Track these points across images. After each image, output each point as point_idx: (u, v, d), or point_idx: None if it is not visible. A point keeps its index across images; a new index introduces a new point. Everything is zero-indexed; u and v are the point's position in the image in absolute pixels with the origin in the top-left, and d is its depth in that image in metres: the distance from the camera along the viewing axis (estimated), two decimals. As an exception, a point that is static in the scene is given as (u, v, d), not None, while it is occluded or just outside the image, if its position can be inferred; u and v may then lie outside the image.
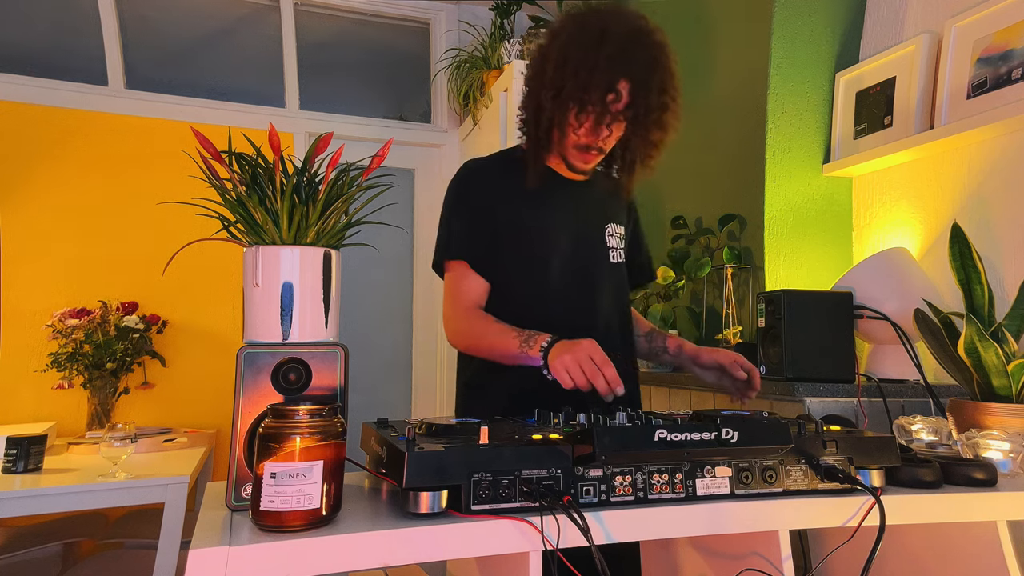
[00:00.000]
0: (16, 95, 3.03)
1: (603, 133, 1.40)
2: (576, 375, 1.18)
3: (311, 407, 0.82)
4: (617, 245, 1.57)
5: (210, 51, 3.51)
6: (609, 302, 1.53)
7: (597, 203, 1.57)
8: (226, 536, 0.78)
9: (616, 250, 1.56)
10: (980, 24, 1.87)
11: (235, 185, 0.95)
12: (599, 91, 1.34)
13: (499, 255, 1.47)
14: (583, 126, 1.39)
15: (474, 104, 3.35)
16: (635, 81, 1.35)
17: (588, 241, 1.53)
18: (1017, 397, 1.34)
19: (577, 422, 1.05)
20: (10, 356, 2.93)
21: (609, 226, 1.56)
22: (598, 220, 1.55)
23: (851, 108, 2.24)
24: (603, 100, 1.35)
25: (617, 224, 1.58)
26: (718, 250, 2.40)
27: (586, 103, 1.35)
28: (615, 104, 1.36)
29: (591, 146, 1.42)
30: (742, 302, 2.30)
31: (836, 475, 0.96)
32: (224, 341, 3.23)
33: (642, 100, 1.36)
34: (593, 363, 1.18)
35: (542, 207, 1.49)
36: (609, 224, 1.56)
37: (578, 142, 1.42)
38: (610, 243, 1.55)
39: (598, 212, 1.56)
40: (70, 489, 1.93)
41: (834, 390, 1.70)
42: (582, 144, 1.42)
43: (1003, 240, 1.82)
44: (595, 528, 0.86)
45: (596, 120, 1.37)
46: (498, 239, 1.47)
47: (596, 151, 1.43)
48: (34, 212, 3.03)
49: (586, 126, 1.39)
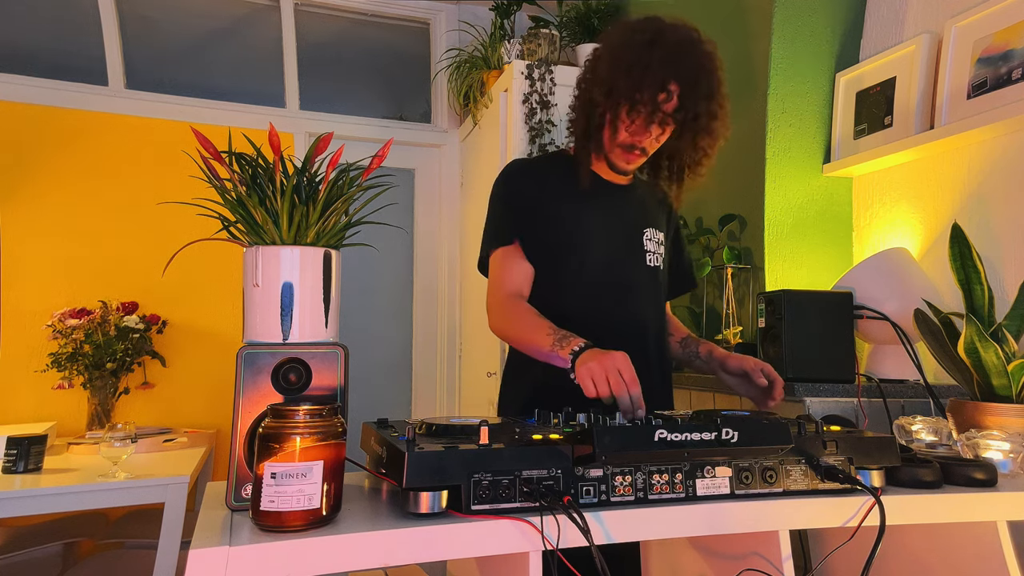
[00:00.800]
0: (16, 95, 3.03)
1: (653, 132, 1.43)
2: (601, 384, 1.15)
3: (311, 407, 0.82)
4: (655, 250, 1.59)
5: (210, 51, 3.51)
6: (644, 304, 1.55)
7: (637, 207, 1.60)
8: (226, 536, 0.78)
9: (653, 254, 1.58)
10: (980, 24, 1.87)
11: (235, 185, 0.95)
12: (651, 89, 1.37)
13: (540, 250, 1.50)
14: (633, 124, 1.42)
15: (474, 104, 3.35)
16: (685, 84, 1.38)
17: (625, 243, 1.55)
18: (1017, 397, 1.34)
19: (577, 422, 1.05)
20: (10, 356, 2.93)
21: (648, 230, 1.58)
22: (637, 223, 1.57)
23: (851, 108, 2.24)
24: (654, 99, 1.37)
25: (656, 230, 1.60)
26: (718, 250, 2.40)
27: (637, 101, 1.38)
28: (666, 104, 1.39)
29: (636, 146, 1.45)
30: (742, 302, 2.30)
31: (836, 475, 0.96)
32: (224, 341, 3.23)
33: (691, 104, 1.39)
34: (621, 377, 1.15)
35: (583, 206, 1.53)
36: (648, 228, 1.58)
37: (625, 141, 1.45)
38: (647, 247, 1.57)
39: (638, 215, 1.59)
40: (70, 489, 1.93)
41: (834, 390, 1.70)
42: (628, 143, 1.45)
43: (1003, 240, 1.82)
44: (595, 528, 0.86)
45: (647, 118, 1.40)
46: (538, 234, 1.50)
47: (640, 152, 1.46)
48: (34, 212, 3.03)
49: (636, 123, 1.42)
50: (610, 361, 1.16)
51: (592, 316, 1.48)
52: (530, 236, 1.50)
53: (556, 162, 1.60)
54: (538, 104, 2.81)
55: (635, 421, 1.02)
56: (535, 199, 1.52)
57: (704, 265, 2.36)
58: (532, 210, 1.51)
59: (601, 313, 1.49)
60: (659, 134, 1.44)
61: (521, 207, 1.52)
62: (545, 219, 1.51)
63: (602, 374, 1.15)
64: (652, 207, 1.64)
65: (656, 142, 1.46)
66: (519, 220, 1.51)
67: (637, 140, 1.44)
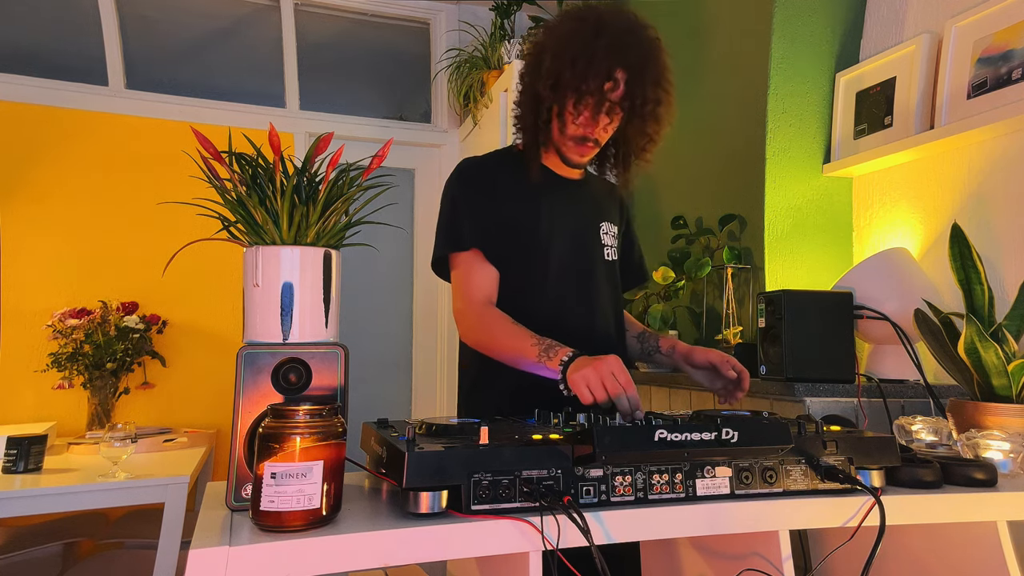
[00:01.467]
0: (16, 95, 3.03)
1: (601, 122, 1.41)
2: (597, 391, 1.14)
3: (311, 407, 0.82)
4: (611, 243, 1.58)
5: (210, 51, 3.51)
6: (605, 300, 1.54)
7: (591, 201, 1.58)
8: (226, 536, 0.78)
9: (611, 248, 1.58)
10: (980, 24, 1.87)
11: (235, 185, 0.95)
12: (597, 79, 1.35)
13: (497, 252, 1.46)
14: (581, 115, 1.40)
15: (474, 104, 3.35)
16: (631, 71, 1.37)
17: (584, 238, 1.53)
18: (1017, 397, 1.34)
19: (577, 422, 1.05)
20: (10, 356, 2.93)
21: (603, 224, 1.57)
22: (593, 217, 1.56)
23: (851, 108, 2.24)
24: (601, 88, 1.36)
25: (611, 223, 1.59)
26: (718, 250, 2.40)
27: (584, 92, 1.36)
28: (613, 92, 1.37)
29: (588, 137, 1.43)
30: (742, 302, 2.30)
31: (836, 475, 0.96)
32: (224, 341, 3.23)
33: (639, 90, 1.37)
34: (617, 381, 1.14)
35: (538, 203, 1.50)
36: (603, 222, 1.57)
37: (576, 133, 1.43)
38: (604, 241, 1.56)
39: (593, 210, 1.57)
40: (70, 489, 1.93)
41: (834, 390, 1.70)
42: (579, 135, 1.43)
43: (1003, 240, 1.82)
44: (595, 528, 0.86)
45: (594, 109, 1.38)
46: (496, 235, 1.46)
47: (592, 143, 1.44)
48: (34, 212, 3.03)
49: (584, 115, 1.40)
50: (604, 366, 1.15)
51: (553, 313, 1.45)
52: (489, 238, 1.44)
53: (508, 159, 1.55)
54: (538, 104, 2.80)
55: (635, 422, 1.02)
56: (490, 198, 1.47)
57: (704, 265, 2.37)
58: (488, 210, 1.46)
59: (566, 310, 1.47)
60: (607, 123, 1.42)
61: (481, 207, 1.46)
62: (502, 219, 1.46)
63: (597, 380, 1.14)
64: (605, 200, 1.62)
65: (606, 132, 1.44)
66: (477, 223, 1.45)
67: (588, 132, 1.42)
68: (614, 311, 1.57)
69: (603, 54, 1.34)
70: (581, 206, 1.55)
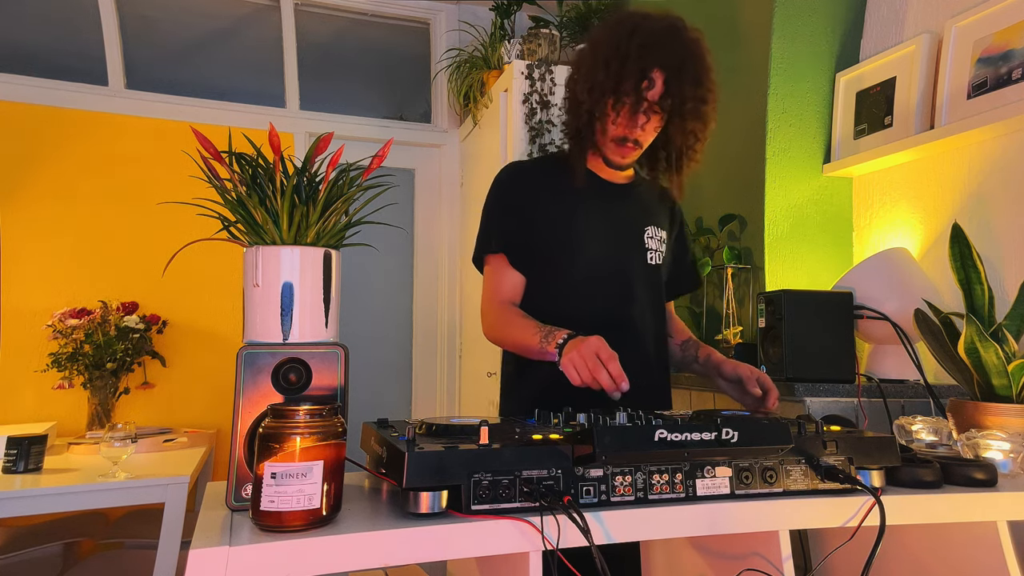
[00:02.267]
0: (16, 95, 3.03)
1: (640, 121, 1.42)
2: (583, 372, 1.19)
3: (311, 407, 0.82)
4: (656, 247, 1.57)
5: (210, 51, 3.51)
6: (644, 303, 1.54)
7: (637, 205, 1.59)
8: (226, 536, 0.78)
9: (655, 252, 1.57)
10: (980, 24, 1.87)
11: (235, 185, 0.95)
12: (632, 79, 1.37)
13: (536, 252, 1.50)
14: (619, 116, 1.42)
15: (474, 104, 3.35)
16: (669, 70, 1.38)
17: (625, 241, 1.54)
18: (1017, 397, 1.34)
19: (577, 422, 1.05)
20: (10, 356, 2.93)
21: (649, 228, 1.57)
22: (637, 221, 1.56)
23: (851, 108, 2.24)
24: (637, 88, 1.37)
25: (658, 227, 1.59)
26: (718, 250, 2.40)
27: (620, 92, 1.38)
28: (649, 92, 1.38)
29: (627, 137, 1.44)
30: (742, 302, 2.30)
31: (836, 475, 0.96)
32: (224, 341, 3.23)
33: (677, 90, 1.38)
34: (598, 359, 1.18)
35: (580, 206, 1.52)
36: (649, 226, 1.57)
37: (615, 134, 1.45)
38: (648, 245, 1.56)
39: (638, 213, 1.57)
40: (70, 489, 1.93)
41: (834, 390, 1.70)
42: (619, 136, 1.45)
43: (1003, 240, 1.82)
44: (595, 528, 0.86)
45: (632, 109, 1.40)
46: (535, 236, 1.50)
47: (632, 144, 1.46)
48: (34, 212, 3.03)
49: (622, 115, 1.42)
50: (586, 347, 1.20)
51: (589, 315, 1.47)
52: (523, 243, 1.50)
53: (553, 163, 1.59)
54: (538, 104, 2.81)
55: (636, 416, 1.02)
56: (530, 202, 1.52)
57: (704, 265, 2.36)
58: (527, 214, 1.51)
59: (601, 313, 1.49)
60: (646, 123, 1.43)
61: (514, 213, 1.52)
62: (541, 222, 1.50)
63: (581, 361, 1.19)
64: (654, 205, 1.62)
65: (647, 132, 1.45)
66: (509, 228, 1.51)
67: (628, 132, 1.43)
68: (652, 315, 1.56)
69: (637, 54, 1.36)
70: (624, 209, 1.56)
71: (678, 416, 1.13)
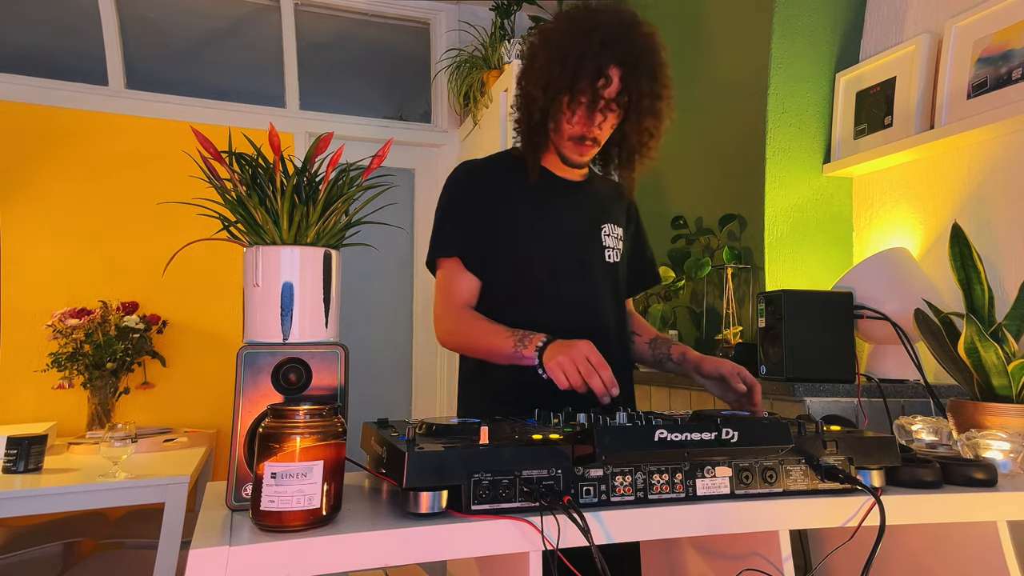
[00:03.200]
0: (16, 95, 3.03)
1: (596, 119, 1.40)
2: (572, 375, 1.19)
3: (311, 407, 0.82)
4: (613, 245, 1.56)
5: (210, 51, 3.51)
6: (603, 301, 1.53)
7: (594, 202, 1.57)
8: (226, 536, 0.78)
9: (612, 250, 1.55)
10: (980, 24, 1.87)
11: (235, 185, 0.95)
12: (588, 77, 1.34)
13: (492, 254, 1.47)
14: (576, 114, 1.40)
15: (474, 104, 3.35)
16: (625, 67, 1.36)
17: (583, 240, 1.52)
18: (1017, 397, 1.34)
19: (577, 422, 1.05)
20: (10, 356, 2.93)
21: (605, 226, 1.55)
22: (594, 219, 1.55)
23: (851, 108, 2.24)
24: (593, 86, 1.35)
25: (615, 224, 1.57)
26: (718, 250, 2.40)
27: (576, 91, 1.36)
28: (606, 89, 1.36)
29: (585, 136, 1.42)
30: (742, 302, 2.30)
31: (836, 475, 0.96)
32: (224, 341, 3.23)
33: (634, 86, 1.36)
34: (590, 364, 1.19)
35: (536, 205, 1.50)
36: (605, 224, 1.55)
37: (572, 132, 1.42)
38: (606, 242, 1.54)
39: (594, 211, 1.56)
40: (70, 489, 1.93)
41: (834, 390, 1.70)
42: (576, 135, 1.42)
43: (1003, 240, 1.82)
44: (595, 528, 0.86)
45: (588, 107, 1.38)
46: (491, 238, 1.47)
47: (591, 142, 1.43)
48: (34, 212, 3.03)
49: (579, 114, 1.39)
50: (577, 351, 1.20)
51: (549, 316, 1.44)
52: (477, 246, 1.46)
53: (507, 162, 1.55)
54: (538, 104, 2.80)
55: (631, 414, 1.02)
56: (485, 203, 1.48)
57: (704, 265, 2.37)
58: (482, 215, 1.47)
59: (561, 312, 1.46)
60: (602, 121, 1.41)
61: (468, 215, 1.48)
62: (497, 222, 1.47)
63: (571, 365, 1.19)
64: (610, 201, 1.60)
65: (604, 130, 1.43)
66: (463, 231, 1.47)
67: (585, 131, 1.41)
68: (614, 313, 1.55)
69: (594, 51, 1.34)
70: (581, 208, 1.54)
71: (678, 416, 1.13)
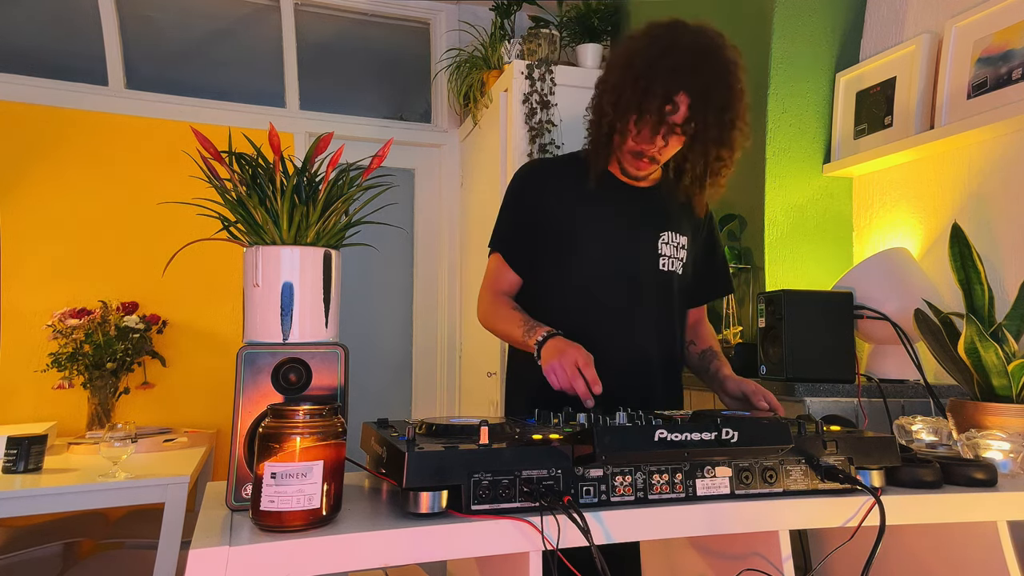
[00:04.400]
0: (16, 95, 3.03)
1: (658, 143, 1.41)
2: (561, 379, 1.26)
3: (311, 407, 0.82)
4: (671, 254, 1.55)
5: (210, 51, 3.51)
6: (650, 308, 1.52)
7: (655, 209, 1.56)
8: (226, 536, 0.78)
9: (669, 258, 1.54)
10: (980, 24, 1.87)
11: (235, 185, 0.95)
12: (657, 101, 1.35)
13: (542, 252, 1.52)
14: (640, 133, 1.41)
15: (474, 104, 3.35)
16: (695, 95, 1.35)
17: (636, 245, 1.53)
18: (1017, 397, 1.34)
19: (577, 422, 1.05)
20: (10, 356, 2.93)
21: (665, 233, 1.55)
22: (653, 226, 1.54)
23: (851, 108, 2.24)
24: (660, 110, 1.35)
25: (677, 233, 1.56)
26: (718, 250, 2.39)
27: (644, 111, 1.37)
28: (672, 116, 1.36)
29: (644, 153, 1.44)
30: (742, 302, 2.30)
31: (836, 475, 0.96)
32: (224, 341, 3.23)
33: (700, 115, 1.36)
34: (576, 368, 1.25)
35: (593, 207, 1.52)
36: (666, 231, 1.55)
37: (633, 148, 1.44)
38: (663, 251, 1.54)
39: (654, 218, 1.55)
40: (70, 489, 1.93)
41: (834, 390, 1.70)
42: (636, 150, 1.44)
43: (1003, 240, 1.82)
44: (595, 528, 0.86)
45: (652, 129, 1.39)
46: (543, 237, 1.52)
47: (648, 159, 1.45)
48: (34, 212, 3.03)
49: (643, 133, 1.41)
50: (567, 357, 1.27)
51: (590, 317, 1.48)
52: (524, 246, 1.54)
53: (572, 163, 1.58)
54: (538, 104, 2.81)
55: (636, 416, 1.02)
56: (540, 203, 1.54)
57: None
58: (535, 215, 1.53)
59: (600, 314, 1.49)
60: (664, 146, 1.41)
61: (521, 214, 1.56)
62: (552, 221, 1.52)
63: (561, 370, 1.26)
64: (674, 209, 1.58)
65: (668, 151, 1.43)
66: (513, 229, 1.56)
67: (645, 149, 1.42)
68: (659, 321, 1.54)
69: (665, 76, 1.34)
70: (639, 214, 1.54)
71: (678, 416, 1.13)
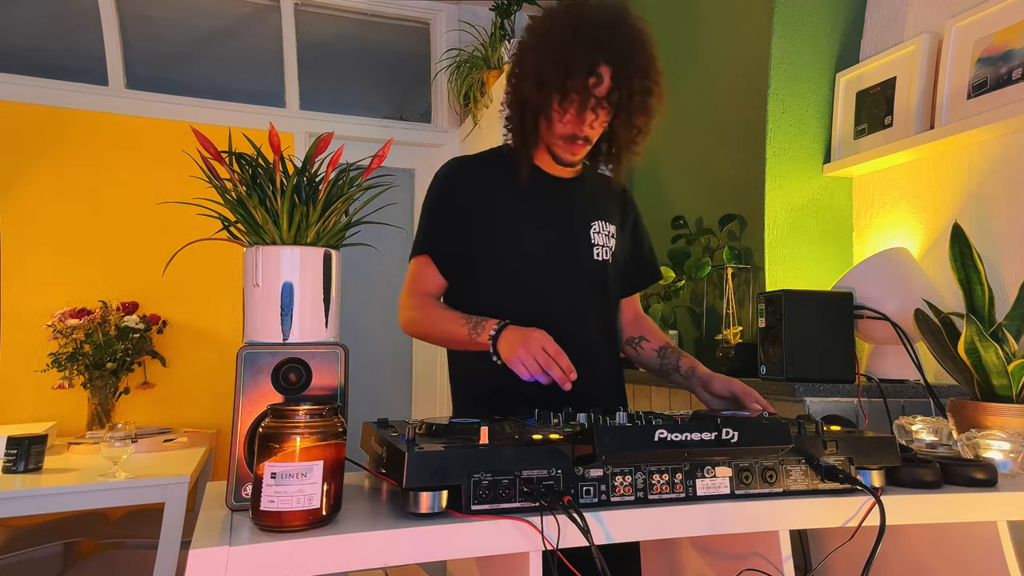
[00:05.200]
0: (16, 95, 3.03)
1: (588, 119, 1.39)
2: (532, 367, 1.22)
3: (311, 407, 0.82)
4: (603, 243, 1.53)
5: (210, 51, 3.51)
6: (587, 300, 1.50)
7: (584, 200, 1.55)
8: (226, 536, 0.78)
9: (602, 248, 1.53)
10: (980, 24, 1.87)
11: (235, 185, 0.95)
12: (580, 76, 1.34)
13: (474, 252, 1.47)
14: (567, 113, 1.39)
15: (474, 104, 3.35)
16: (616, 64, 1.35)
17: (569, 238, 1.51)
18: (1017, 397, 1.34)
19: (577, 422, 1.05)
20: (10, 356, 2.93)
21: (596, 223, 1.53)
22: (583, 217, 1.53)
23: (851, 108, 2.24)
24: (585, 85, 1.34)
25: (606, 222, 1.55)
26: (718, 250, 2.40)
27: (568, 89, 1.35)
28: (597, 88, 1.36)
29: (577, 135, 1.41)
30: (742, 302, 2.30)
31: (836, 475, 0.96)
32: (224, 341, 3.23)
33: (625, 83, 1.36)
34: (546, 353, 1.22)
35: (524, 203, 1.49)
36: (596, 221, 1.53)
37: (564, 131, 1.41)
38: (595, 240, 1.52)
39: (584, 209, 1.54)
40: (70, 489, 1.93)
41: (834, 390, 1.70)
42: (568, 134, 1.41)
43: (1003, 240, 1.82)
44: (595, 528, 0.86)
45: (580, 106, 1.37)
46: (474, 236, 1.47)
47: (582, 140, 1.42)
48: (34, 212, 3.03)
49: (571, 113, 1.39)
50: (533, 342, 1.23)
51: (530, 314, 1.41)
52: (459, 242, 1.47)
53: (496, 159, 1.55)
54: (538, 104, 2.80)
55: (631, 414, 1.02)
56: (469, 201, 1.48)
57: (704, 265, 2.37)
58: (464, 214, 1.47)
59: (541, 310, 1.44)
60: (594, 120, 1.40)
61: (449, 214, 1.49)
62: (483, 220, 1.47)
63: (530, 358, 1.22)
64: (602, 198, 1.57)
65: (596, 128, 1.42)
66: (440, 230, 1.49)
67: (577, 130, 1.40)
68: (600, 312, 1.53)
69: (584, 50, 1.33)
70: (569, 205, 1.52)
71: (678, 416, 1.13)
